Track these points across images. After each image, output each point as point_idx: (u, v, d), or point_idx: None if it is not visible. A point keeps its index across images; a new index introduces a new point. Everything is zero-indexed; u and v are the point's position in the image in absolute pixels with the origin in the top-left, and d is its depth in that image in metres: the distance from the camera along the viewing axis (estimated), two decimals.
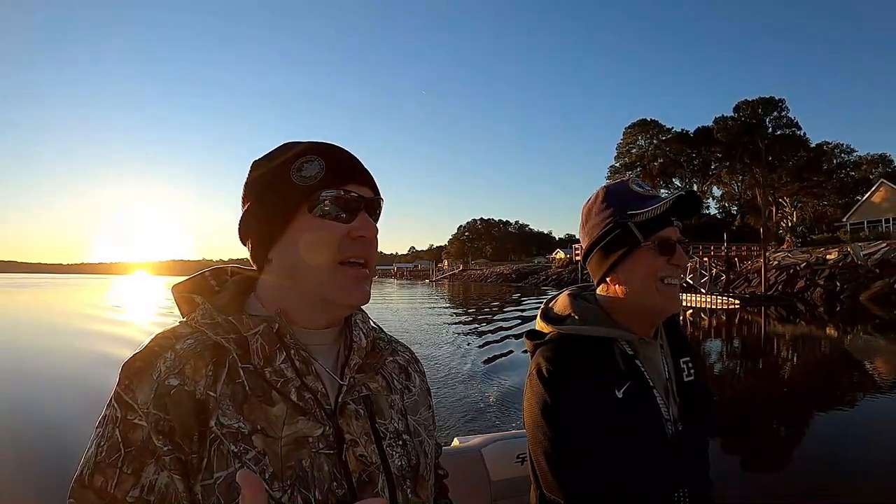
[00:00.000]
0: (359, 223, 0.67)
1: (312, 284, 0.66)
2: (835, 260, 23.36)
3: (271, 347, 0.64)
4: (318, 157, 0.68)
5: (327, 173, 0.67)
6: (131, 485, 0.56)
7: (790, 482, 4.36)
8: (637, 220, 0.99)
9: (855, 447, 5.18)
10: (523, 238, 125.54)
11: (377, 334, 0.80)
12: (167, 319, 17.61)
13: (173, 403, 0.58)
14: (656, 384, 1.00)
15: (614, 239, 1.02)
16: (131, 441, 0.58)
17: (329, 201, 0.66)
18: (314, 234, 0.66)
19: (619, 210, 1.02)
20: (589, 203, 1.09)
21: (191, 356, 0.62)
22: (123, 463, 0.57)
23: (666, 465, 0.96)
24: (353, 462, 0.64)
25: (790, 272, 24.23)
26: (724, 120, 46.86)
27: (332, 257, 0.66)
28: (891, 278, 19.86)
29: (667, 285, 0.99)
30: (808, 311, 18.07)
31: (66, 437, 4.88)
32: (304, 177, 0.67)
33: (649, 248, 0.99)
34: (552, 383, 0.97)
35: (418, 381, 0.82)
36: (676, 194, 0.99)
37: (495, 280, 62.81)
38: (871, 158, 58.30)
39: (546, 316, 1.09)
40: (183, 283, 0.73)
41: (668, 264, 0.99)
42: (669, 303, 1.00)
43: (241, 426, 0.59)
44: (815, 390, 8.08)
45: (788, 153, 45.18)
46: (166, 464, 0.57)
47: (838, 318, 16.23)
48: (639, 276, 1.00)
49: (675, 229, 1.02)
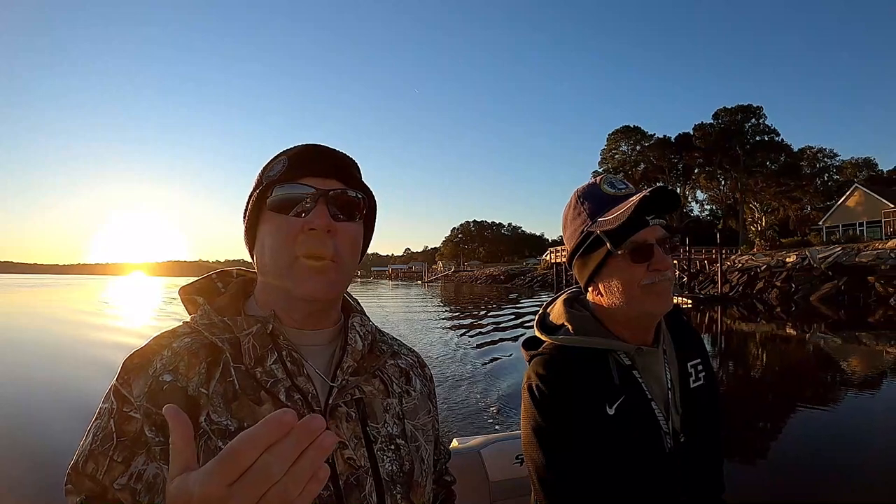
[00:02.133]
0: (312, 216, 0.65)
1: (277, 281, 0.67)
2: (793, 263, 24.52)
3: (263, 348, 0.65)
4: (285, 156, 0.69)
5: (286, 170, 0.67)
6: (119, 472, 0.59)
7: (763, 478, 4.39)
8: (604, 228, 0.93)
9: (811, 442, 5.29)
10: (516, 240, 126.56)
11: (378, 337, 0.79)
12: (154, 322, 17.80)
13: (165, 398, 0.59)
14: (655, 396, 0.96)
15: (588, 248, 0.98)
16: (125, 432, 0.60)
17: (283, 197, 0.66)
18: (273, 230, 0.66)
19: (591, 216, 0.97)
20: (565, 209, 1.05)
21: (185, 354, 0.64)
22: (114, 451, 0.59)
23: (662, 481, 0.92)
24: (340, 464, 0.64)
25: (751, 274, 25.42)
26: (704, 127, 48.21)
27: (288, 253, 0.65)
28: (839, 281, 21.01)
29: (652, 289, 0.93)
30: (767, 311, 19.07)
31: (56, 437, 4.87)
32: (270, 176, 0.68)
33: (624, 255, 0.93)
34: (542, 403, 0.94)
35: (419, 386, 0.81)
36: (640, 194, 0.90)
37: (485, 282, 63.93)
38: (855, 162, 59.70)
39: (542, 324, 1.07)
40: (190, 284, 0.75)
41: (648, 271, 0.92)
42: (657, 304, 0.94)
43: (228, 423, 0.61)
44: (758, 387, 8.25)
45: (766, 158, 46.44)
46: (157, 454, 0.58)
47: (793, 317, 17.12)
48: (618, 286, 0.95)
49: (655, 229, 0.94)
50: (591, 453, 0.91)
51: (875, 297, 19.29)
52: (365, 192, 0.73)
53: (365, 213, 0.74)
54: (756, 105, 47.18)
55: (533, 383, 0.97)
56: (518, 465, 1.36)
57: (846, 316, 16.73)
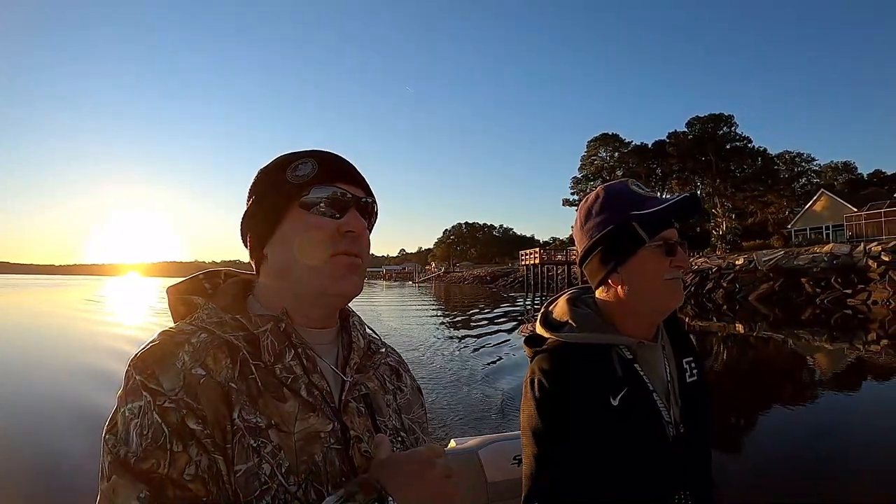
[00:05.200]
0: (348, 219, 0.69)
1: (306, 278, 0.68)
2: (741, 265, 26.22)
3: (281, 345, 0.66)
4: (311, 158, 0.71)
5: (319, 172, 0.70)
6: (185, 462, 0.55)
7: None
8: (642, 219, 0.97)
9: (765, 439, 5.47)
10: (507, 241, 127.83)
11: (371, 336, 0.82)
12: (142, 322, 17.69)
13: (203, 392, 0.58)
14: (657, 388, 1.00)
15: (618, 239, 1.00)
16: (170, 423, 0.56)
17: (320, 197, 0.68)
18: (307, 229, 0.68)
19: (622, 210, 1.00)
20: (588, 203, 1.07)
21: (210, 348, 0.62)
22: (171, 442, 0.55)
23: (667, 469, 0.96)
24: (358, 458, 0.65)
25: (703, 275, 27.17)
26: (678, 135, 50.18)
27: (325, 251, 0.67)
28: (775, 282, 22.74)
29: (670, 281, 0.99)
30: (716, 309, 20.43)
31: (51, 448, 4.69)
32: (298, 175, 0.69)
33: (654, 248, 0.98)
34: (542, 398, 0.97)
35: (409, 381, 0.84)
36: (682, 196, 1.00)
37: (472, 282, 65.90)
38: (834, 166, 61.53)
39: (546, 321, 1.09)
40: (178, 285, 0.74)
41: (671, 266, 0.99)
42: (673, 297, 1.00)
43: (258, 421, 0.60)
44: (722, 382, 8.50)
45: (738, 164, 48.29)
46: (208, 446, 0.57)
47: (738, 315, 18.40)
48: (644, 277, 0.99)
49: (675, 231, 1.01)
50: (592, 445, 0.94)
51: (804, 296, 20.98)
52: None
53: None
54: (727, 114, 49.20)
55: (536, 378, 1.00)
56: (516, 466, 1.33)
57: (782, 314, 18.10)
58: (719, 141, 48.23)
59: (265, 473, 0.59)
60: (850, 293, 19.55)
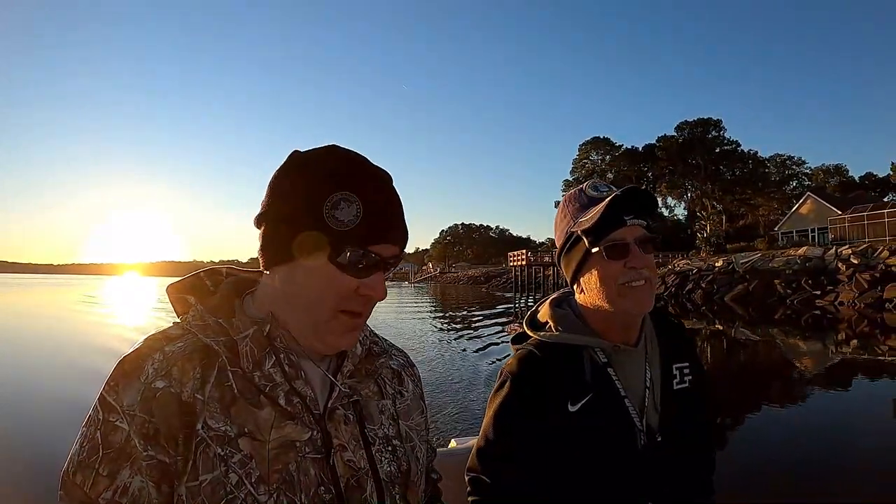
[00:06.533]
0: (371, 282, 0.66)
1: (305, 319, 0.66)
2: (720, 267, 27.17)
3: (260, 351, 0.65)
4: (357, 198, 0.65)
5: (361, 224, 0.64)
6: (104, 487, 0.57)
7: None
8: (582, 227, 0.97)
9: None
10: (504, 242, 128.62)
11: (372, 339, 0.81)
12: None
13: (158, 406, 0.59)
14: (631, 394, 0.99)
15: (570, 247, 1.02)
16: (111, 443, 0.58)
17: (352, 258, 0.64)
18: (325, 279, 0.65)
19: (573, 217, 1.02)
20: (557, 212, 1.09)
21: (179, 358, 0.62)
22: (100, 464, 0.58)
23: (629, 477, 0.95)
24: (341, 467, 0.65)
25: (684, 276, 28.12)
26: (667, 138, 51.20)
27: (335, 305, 0.65)
28: (750, 283, 23.68)
29: (629, 288, 0.96)
30: (695, 309, 21.43)
31: (46, 439, 4.81)
32: (337, 219, 0.64)
33: (599, 253, 0.97)
34: (507, 395, 1.00)
35: (411, 387, 0.83)
36: (612, 194, 0.96)
37: (467, 282, 66.86)
38: (826, 169, 62.45)
39: (531, 322, 1.11)
40: (177, 283, 0.74)
41: (625, 268, 0.96)
42: (633, 305, 0.97)
43: (227, 429, 0.60)
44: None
45: (727, 168, 49.26)
46: (143, 468, 0.58)
47: (716, 314, 19.35)
48: (596, 284, 0.99)
49: (634, 229, 0.97)
50: (538, 447, 0.95)
51: (776, 297, 21.90)
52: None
53: None
54: (715, 118, 50.32)
55: (506, 372, 1.04)
56: None
57: (756, 314, 18.99)
58: (708, 144, 49.27)
59: (231, 483, 0.59)
60: (819, 294, 20.47)
